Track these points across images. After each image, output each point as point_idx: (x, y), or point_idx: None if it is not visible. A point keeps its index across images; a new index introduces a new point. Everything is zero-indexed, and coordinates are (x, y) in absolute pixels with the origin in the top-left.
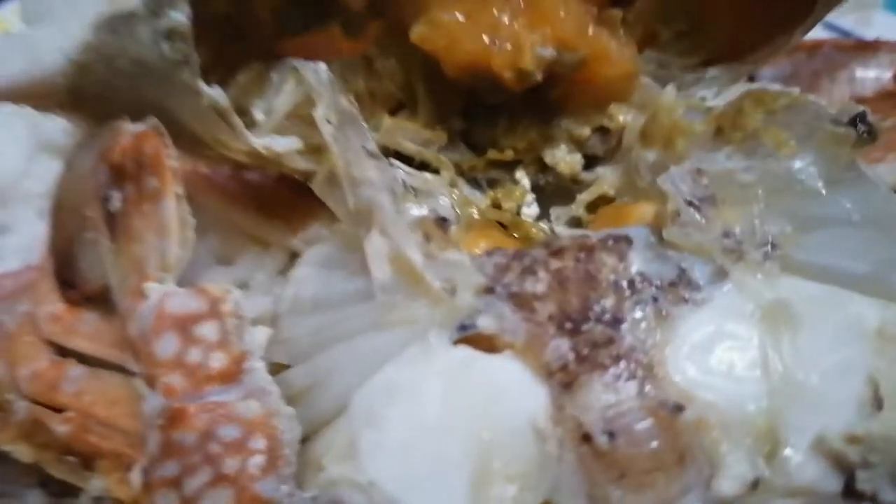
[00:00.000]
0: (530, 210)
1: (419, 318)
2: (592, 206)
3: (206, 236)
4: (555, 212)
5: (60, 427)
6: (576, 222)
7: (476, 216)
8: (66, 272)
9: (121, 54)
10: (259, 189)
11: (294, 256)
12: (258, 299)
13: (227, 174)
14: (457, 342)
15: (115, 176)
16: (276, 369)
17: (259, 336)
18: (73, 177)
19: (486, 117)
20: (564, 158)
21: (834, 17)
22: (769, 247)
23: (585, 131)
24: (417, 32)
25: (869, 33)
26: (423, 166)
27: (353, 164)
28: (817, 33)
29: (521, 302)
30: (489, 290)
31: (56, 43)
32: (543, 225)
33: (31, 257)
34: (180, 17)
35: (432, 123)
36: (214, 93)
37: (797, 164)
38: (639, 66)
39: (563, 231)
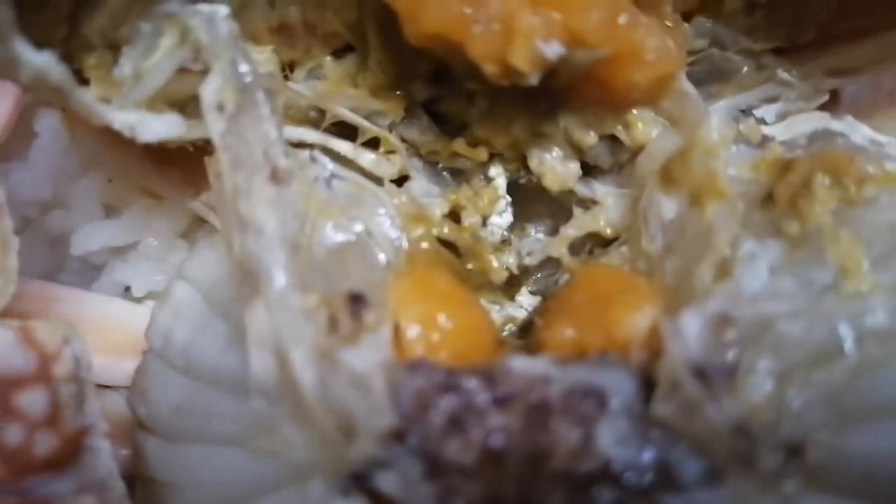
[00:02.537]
0: (501, 220)
1: (298, 458)
2: (580, 243)
3: (89, 174)
4: (528, 244)
5: None
6: (552, 264)
7: (425, 244)
8: None
9: None
10: None
11: (197, 220)
12: (147, 270)
13: None
14: (347, 492)
15: None
16: (138, 423)
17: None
18: None
19: (460, 89)
20: (555, 168)
21: None
22: (792, 454)
23: (590, 138)
24: None
25: None
26: (370, 141)
27: (244, 194)
28: None
29: (438, 469)
30: (399, 437)
31: None
32: (511, 258)
33: None
34: None
35: (386, 87)
36: (42, 61)
37: (863, 317)
38: (681, 63)
39: (517, 363)
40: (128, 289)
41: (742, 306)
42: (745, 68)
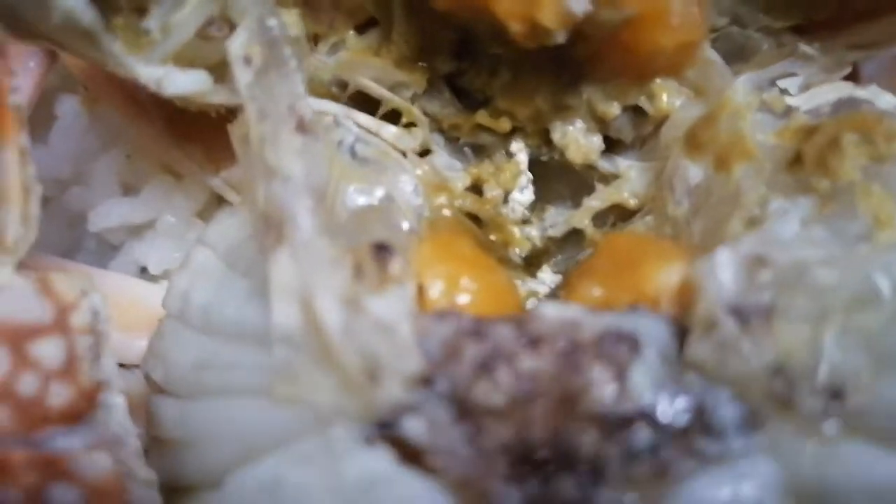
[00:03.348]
0: (522, 196)
1: (322, 404)
2: (603, 215)
3: (109, 152)
4: (552, 216)
5: None
6: (576, 236)
7: (446, 211)
8: None
9: None
10: (176, 105)
11: (216, 198)
12: (164, 247)
13: None
14: (372, 440)
15: None
16: (151, 385)
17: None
18: None
19: (485, 62)
20: (578, 140)
21: None
22: (833, 397)
23: (613, 109)
24: None
25: None
26: (392, 115)
27: (271, 141)
28: None
29: (468, 412)
30: (427, 382)
31: None
32: (533, 230)
33: None
34: None
35: (410, 59)
36: (73, 3)
37: None
38: (706, 32)
39: (549, 309)
40: (144, 270)
41: (776, 250)
42: (766, 45)
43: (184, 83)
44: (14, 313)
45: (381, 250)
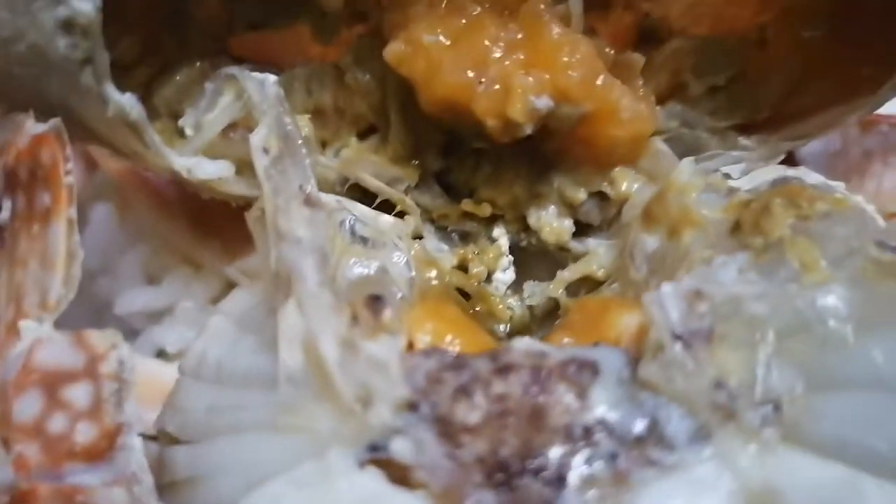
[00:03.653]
0: (504, 276)
1: (320, 430)
2: (576, 287)
3: (136, 247)
4: (529, 287)
5: None
6: (552, 303)
7: (435, 282)
8: None
9: (18, 38)
10: (199, 202)
11: (230, 286)
12: (181, 331)
13: (166, 179)
14: (364, 464)
15: (7, 181)
16: (165, 439)
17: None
18: None
19: (468, 159)
20: (551, 223)
21: None
22: (770, 408)
23: (580, 195)
24: (393, 51)
25: None
26: (388, 206)
27: (283, 211)
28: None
29: (448, 431)
30: (412, 407)
31: None
32: (513, 301)
33: None
34: (84, 5)
35: (404, 157)
36: (124, 101)
37: (824, 299)
38: (654, 126)
39: (519, 344)
40: (160, 353)
41: (713, 287)
42: (712, 142)
43: (211, 170)
44: (51, 361)
45: (375, 301)
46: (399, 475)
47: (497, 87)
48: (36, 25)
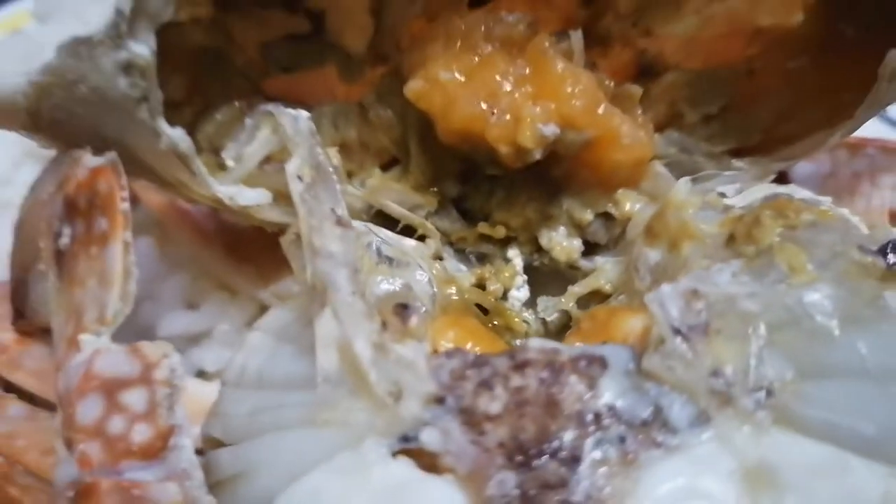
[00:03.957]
0: (519, 293)
1: (356, 422)
2: (585, 301)
3: (176, 275)
4: (542, 302)
5: None
6: (565, 316)
7: (455, 297)
8: (20, 300)
9: (81, 81)
10: (235, 231)
11: (264, 309)
12: (219, 351)
13: (204, 212)
14: (396, 453)
15: (67, 210)
16: (211, 443)
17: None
18: (35, 200)
19: (484, 185)
20: (561, 243)
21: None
22: (763, 394)
23: (588, 215)
24: (412, 88)
25: None
26: (409, 230)
27: (317, 230)
28: (873, 129)
29: (472, 420)
30: (439, 401)
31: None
32: (528, 315)
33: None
34: (142, 49)
35: (424, 186)
36: (175, 134)
37: (810, 296)
38: (653, 150)
39: (534, 342)
40: (200, 373)
41: (709, 286)
42: (708, 166)
43: (251, 197)
44: (110, 369)
45: (403, 309)
46: (428, 462)
47: (508, 117)
48: (98, 69)
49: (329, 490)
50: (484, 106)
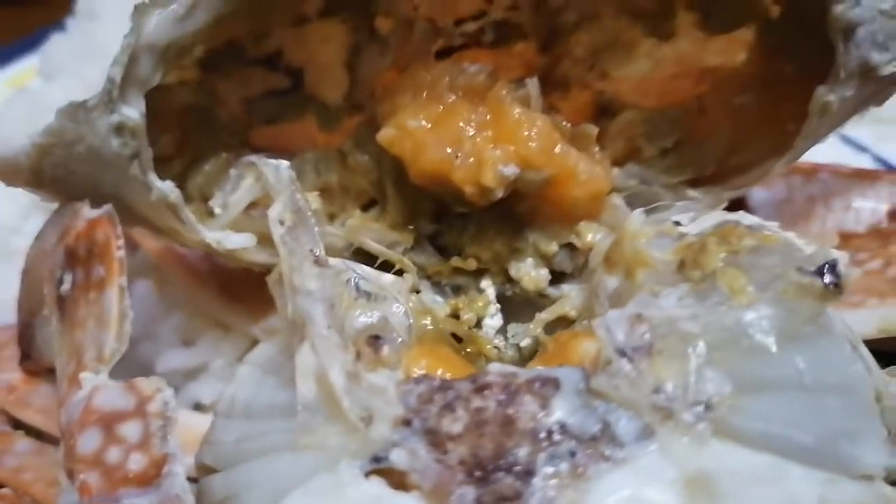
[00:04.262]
0: (493, 321)
1: (332, 446)
2: (553, 326)
3: (173, 315)
4: (513, 328)
5: None
6: (535, 342)
7: (430, 327)
8: (27, 342)
9: (78, 141)
10: (227, 272)
11: (255, 344)
12: (214, 384)
13: (198, 255)
14: (369, 474)
15: (68, 258)
16: (204, 470)
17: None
18: (40, 249)
19: (456, 223)
20: (529, 273)
21: (851, 130)
22: (702, 408)
23: (552, 247)
24: (384, 135)
25: (888, 149)
26: (388, 266)
27: (297, 270)
28: (832, 149)
29: (436, 441)
30: (406, 423)
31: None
32: (499, 342)
33: (8, 317)
34: (132, 113)
35: (401, 224)
36: (164, 187)
37: (749, 316)
38: (611, 184)
39: (494, 367)
40: (197, 406)
41: (652, 310)
42: (665, 196)
43: (237, 241)
44: (108, 404)
45: (375, 340)
46: (398, 481)
47: (471, 160)
48: (93, 131)
49: None
50: (449, 150)
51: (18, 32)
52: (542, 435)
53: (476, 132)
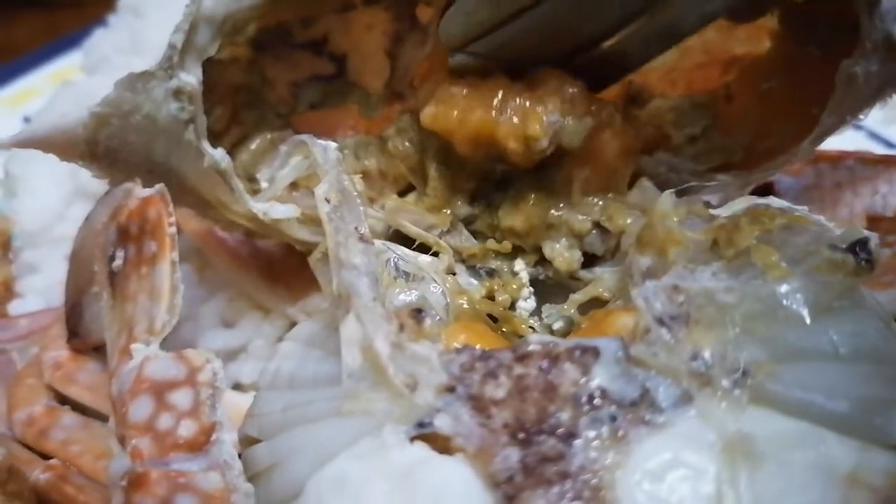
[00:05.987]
0: (527, 304)
1: (377, 411)
2: (586, 307)
3: (214, 297)
4: (547, 310)
5: (41, 475)
6: (568, 323)
7: (466, 307)
8: (74, 321)
9: (136, 110)
10: (267, 255)
11: (294, 325)
12: (254, 365)
13: (239, 238)
14: (413, 439)
15: (120, 236)
16: (248, 442)
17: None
18: (90, 230)
19: (494, 199)
20: (563, 253)
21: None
22: (740, 374)
23: (586, 224)
24: (427, 113)
25: None
26: (424, 249)
27: (342, 246)
28: (860, 145)
29: (480, 406)
30: (450, 390)
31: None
32: (534, 322)
33: (53, 299)
34: (190, 78)
35: (438, 207)
36: (216, 154)
37: (783, 289)
38: (637, 140)
39: (534, 337)
40: (237, 386)
41: (689, 282)
42: (694, 181)
43: (282, 211)
44: (159, 373)
45: (418, 313)
46: (442, 445)
47: (515, 118)
48: (150, 98)
49: (353, 472)
50: (493, 113)
51: (54, 35)
52: (584, 400)
53: (517, 94)
